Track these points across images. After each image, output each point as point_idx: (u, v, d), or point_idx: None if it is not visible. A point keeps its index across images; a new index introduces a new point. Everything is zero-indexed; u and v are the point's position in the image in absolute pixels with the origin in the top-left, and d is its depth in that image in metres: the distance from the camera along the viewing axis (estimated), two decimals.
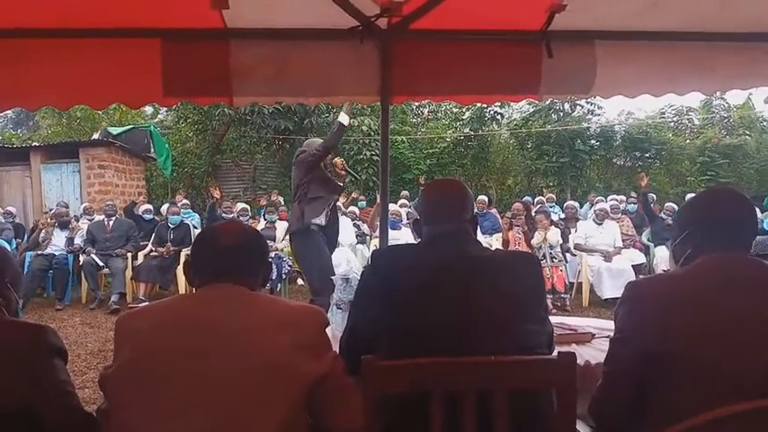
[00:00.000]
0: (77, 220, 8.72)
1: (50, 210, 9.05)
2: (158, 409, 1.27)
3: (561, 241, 7.23)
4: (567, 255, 7.48)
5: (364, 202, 10.79)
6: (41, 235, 7.96)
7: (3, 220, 8.46)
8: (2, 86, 2.76)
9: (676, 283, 1.51)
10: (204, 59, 2.85)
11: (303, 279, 8.84)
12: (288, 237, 5.57)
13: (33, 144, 13.09)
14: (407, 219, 9.00)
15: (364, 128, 14.01)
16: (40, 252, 7.65)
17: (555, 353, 1.50)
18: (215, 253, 1.48)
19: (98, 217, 8.45)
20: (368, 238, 9.20)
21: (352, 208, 9.83)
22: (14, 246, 8.21)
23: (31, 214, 11.23)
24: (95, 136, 12.76)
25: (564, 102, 14.88)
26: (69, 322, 6.58)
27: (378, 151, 13.28)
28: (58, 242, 7.86)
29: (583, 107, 15.60)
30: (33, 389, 1.43)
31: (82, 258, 7.65)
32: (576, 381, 1.34)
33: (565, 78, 3.03)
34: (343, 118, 4.97)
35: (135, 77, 2.83)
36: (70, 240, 7.90)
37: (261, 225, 8.76)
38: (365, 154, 14.16)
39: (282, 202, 10.75)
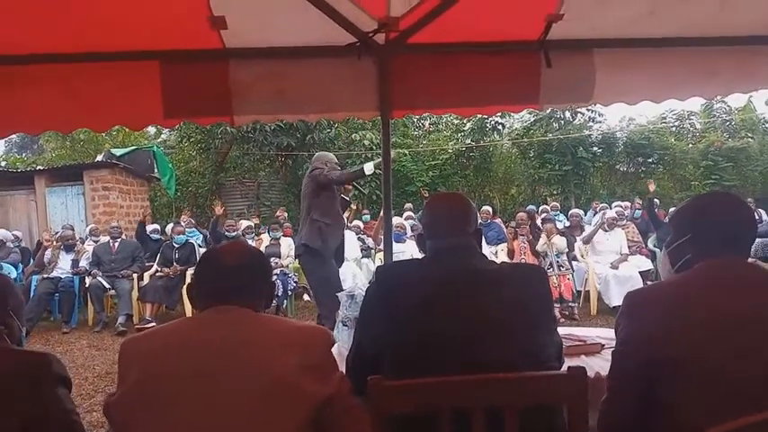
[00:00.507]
0: (83, 243, 8.74)
1: (56, 233, 9.07)
2: None
3: (567, 249, 7.19)
4: (574, 263, 7.45)
5: (368, 216, 10.77)
6: (47, 256, 7.97)
7: (11, 245, 8.48)
8: (4, 112, 2.78)
9: (675, 288, 1.50)
10: (204, 80, 2.86)
11: (309, 295, 8.83)
12: (298, 251, 5.53)
13: (38, 168, 13.15)
14: (412, 231, 8.98)
15: (366, 142, 14.05)
16: (45, 275, 7.66)
17: (565, 366, 1.48)
18: (218, 275, 1.47)
19: (104, 239, 8.46)
20: (373, 251, 9.18)
21: (356, 222, 9.81)
22: (20, 270, 8.22)
23: (37, 238, 11.26)
24: (99, 158, 12.82)
25: (565, 110, 14.89)
26: (76, 345, 6.56)
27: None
28: (63, 265, 7.87)
29: (584, 115, 15.60)
30: (38, 419, 1.41)
31: (88, 281, 7.65)
32: (587, 395, 1.32)
33: (564, 87, 3.03)
34: (368, 168, 5.10)
35: (135, 100, 2.85)
36: (76, 262, 7.91)
37: (266, 242, 8.75)
38: None
39: (287, 218, 10.71)
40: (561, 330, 1.80)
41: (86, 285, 7.65)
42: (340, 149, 14.88)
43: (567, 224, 9.11)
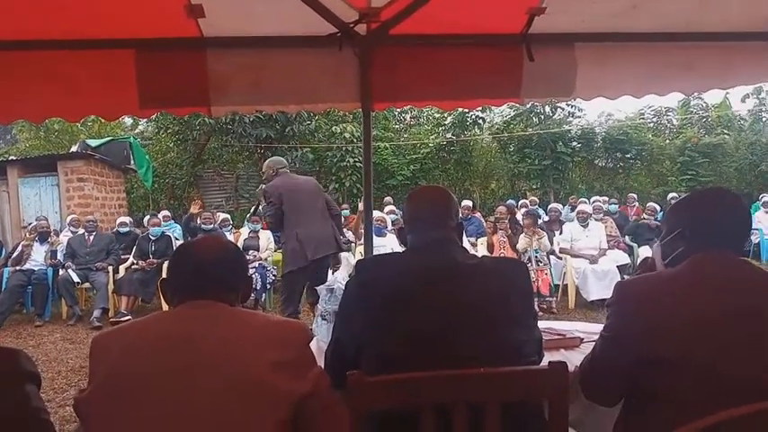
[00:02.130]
0: (57, 235, 8.56)
1: (29, 224, 8.87)
2: (137, 431, 1.22)
3: (550, 246, 7.23)
4: (552, 257, 7.49)
5: (347, 210, 10.72)
6: (19, 249, 7.81)
7: None
8: None
9: (664, 282, 1.50)
10: (181, 69, 2.81)
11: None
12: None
13: (10, 158, 12.85)
14: (393, 225, 8.97)
15: (347, 135, 13.98)
16: (18, 268, 7.49)
17: (545, 360, 1.47)
18: (193, 269, 1.44)
19: (81, 230, 8.29)
20: (353, 245, 9.15)
21: None
22: None
23: (9, 229, 11.02)
24: (74, 149, 12.55)
25: (545, 104, 14.99)
26: (49, 339, 6.44)
27: (361, 158, 13.31)
28: (36, 257, 7.70)
29: (563, 110, 15.72)
30: (5, 417, 1.36)
31: (60, 273, 7.50)
32: (568, 390, 1.31)
33: (546, 81, 3.03)
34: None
35: (110, 89, 2.79)
36: (52, 253, 7.74)
37: (245, 235, 8.67)
38: (348, 161, 14.13)
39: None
40: (540, 324, 1.79)
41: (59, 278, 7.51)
42: (320, 142, 14.81)
43: (546, 219, 9.17)
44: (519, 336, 1.52)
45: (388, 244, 8.06)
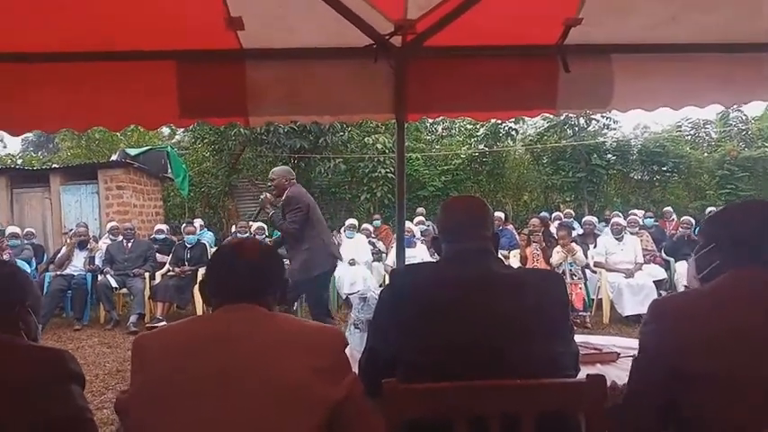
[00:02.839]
0: (96, 241, 8.79)
1: (70, 230, 9.13)
2: None
3: (585, 260, 7.12)
4: (586, 271, 7.38)
5: (379, 221, 10.74)
6: (62, 252, 8.04)
7: (24, 242, 8.55)
8: (21, 110, 2.80)
9: (699, 299, 1.47)
10: (220, 80, 2.87)
11: None
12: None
13: (53, 166, 13.28)
14: (422, 236, 8.96)
15: (379, 145, 14.03)
16: (59, 273, 7.72)
17: (581, 374, 1.45)
18: (231, 273, 1.46)
19: (120, 237, 8.50)
20: (384, 255, 9.17)
21: (365, 225, 9.81)
22: (34, 266, 8.29)
23: (51, 235, 11.35)
24: (113, 157, 12.90)
25: (579, 116, 14.81)
26: (88, 342, 6.60)
27: (393, 168, 13.33)
28: (76, 262, 7.93)
29: (598, 121, 15.50)
30: (52, 415, 1.41)
31: (99, 279, 7.71)
32: (605, 404, 1.29)
33: (582, 93, 3.00)
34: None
35: (151, 99, 2.86)
36: (91, 259, 7.97)
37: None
38: (380, 171, 14.17)
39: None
40: (577, 338, 1.76)
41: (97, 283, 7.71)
42: (352, 152, 14.90)
43: (581, 232, 9.03)
44: (555, 348, 1.50)
45: (417, 254, 8.06)
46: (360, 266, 8.38)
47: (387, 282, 8.16)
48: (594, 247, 7.90)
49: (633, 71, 2.94)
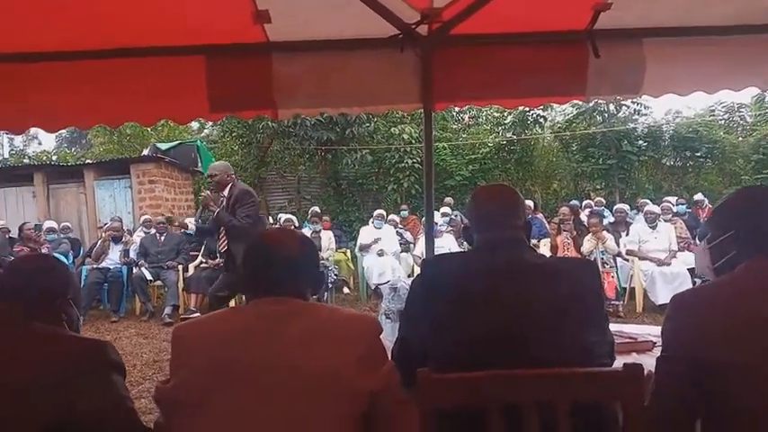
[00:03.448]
0: (131, 234, 8.99)
1: (105, 224, 9.35)
2: (215, 424, 1.27)
3: (616, 248, 7.01)
4: (618, 260, 7.27)
5: (406, 212, 10.73)
6: (98, 246, 8.25)
7: (61, 236, 8.78)
8: (56, 107, 2.87)
9: (719, 290, 1.44)
10: (248, 74, 2.89)
11: (349, 288, 8.91)
12: None
13: (87, 162, 13.57)
14: (450, 226, 8.94)
15: (405, 136, 13.99)
16: (95, 266, 7.92)
17: (616, 363, 1.44)
18: (267, 264, 1.47)
19: (152, 231, 8.69)
20: (411, 245, 9.18)
21: (392, 216, 9.83)
22: (71, 260, 8.51)
23: (87, 229, 11.62)
24: (145, 152, 13.15)
25: (609, 102, 14.53)
26: (125, 334, 6.76)
27: (419, 159, 13.29)
28: (112, 256, 8.13)
29: (629, 107, 15.18)
30: (93, 404, 1.45)
31: (134, 271, 7.89)
32: (643, 394, 1.27)
33: (612, 78, 2.95)
34: None
35: (182, 94, 2.90)
36: (126, 252, 8.16)
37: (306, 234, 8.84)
38: (406, 162, 14.14)
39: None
40: (611, 327, 1.75)
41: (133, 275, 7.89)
42: (378, 143, 14.89)
43: (612, 220, 8.90)
44: (590, 337, 1.49)
45: (445, 244, 8.04)
46: (388, 257, 8.40)
47: (416, 272, 8.18)
48: (627, 234, 7.78)
49: (665, 55, 2.88)
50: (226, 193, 5.04)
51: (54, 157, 18.23)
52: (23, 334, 1.51)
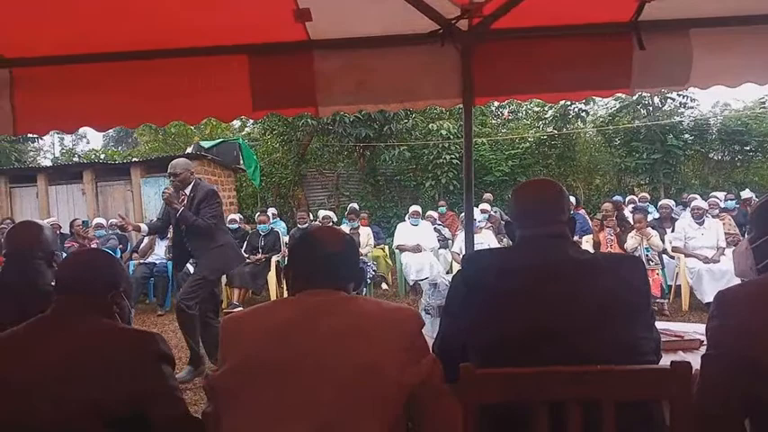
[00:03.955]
0: None
1: (150, 221, 9.61)
2: (259, 414, 1.31)
3: (662, 245, 6.84)
4: (664, 257, 7.09)
5: (444, 208, 10.69)
6: (144, 243, 8.49)
7: (109, 232, 9.07)
8: (106, 107, 2.97)
9: (764, 287, 1.40)
10: (289, 72, 2.93)
11: (387, 284, 8.95)
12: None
13: (133, 160, 13.95)
14: (489, 222, 8.86)
15: (443, 131, 13.93)
16: (142, 261, 8.16)
17: (663, 361, 1.41)
18: (314, 258, 1.52)
19: None
20: (449, 242, 9.14)
21: (430, 212, 9.80)
22: (119, 255, 8.79)
23: None
24: (189, 150, 13.44)
25: (653, 95, 14.16)
26: (170, 327, 6.94)
27: (457, 154, 13.20)
28: (158, 251, 8.36)
29: (674, 100, 14.75)
30: (144, 393, 1.51)
31: None
32: (691, 392, 1.25)
33: (658, 71, 2.89)
34: None
35: (225, 93, 2.96)
36: (170, 248, 8.37)
37: (345, 231, 8.92)
38: (444, 158, 14.08)
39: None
40: (657, 325, 1.71)
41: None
42: (416, 139, 14.88)
43: (657, 216, 8.68)
44: (636, 333, 1.46)
45: (484, 240, 7.98)
46: (426, 253, 8.39)
47: (454, 268, 8.15)
48: (672, 231, 7.57)
49: (714, 46, 2.79)
50: (188, 191, 4.81)
51: (102, 156, 18.81)
52: (79, 326, 1.57)
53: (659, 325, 1.85)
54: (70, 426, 1.43)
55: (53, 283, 2.03)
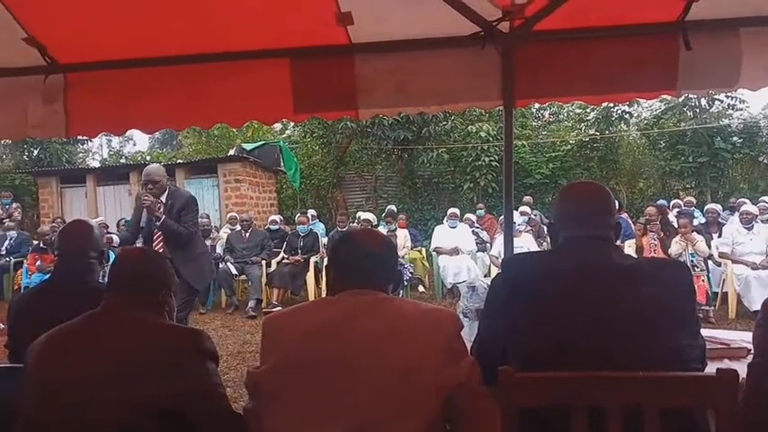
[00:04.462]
0: (217, 231, 9.40)
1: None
2: (301, 414, 1.33)
3: (708, 251, 6.64)
4: (710, 263, 6.89)
5: (482, 210, 10.61)
6: None
7: None
8: (154, 110, 3.05)
9: None
10: (331, 75, 2.96)
11: (424, 286, 8.93)
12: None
13: (178, 161, 14.31)
14: (529, 225, 8.76)
15: (482, 134, 13.82)
16: None
17: (708, 369, 1.38)
18: (356, 259, 1.54)
19: (237, 227, 9.06)
20: (488, 245, 9.07)
21: (468, 215, 9.74)
22: None
23: None
24: (231, 152, 13.73)
25: (700, 97, 13.74)
26: (211, 325, 7.10)
27: (496, 157, 13.08)
28: None
29: (722, 102, 14.30)
30: (189, 389, 1.55)
31: (220, 266, 8.26)
32: (737, 401, 1.22)
33: (705, 72, 2.81)
34: None
35: (268, 96, 3.01)
36: (212, 248, 8.56)
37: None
38: (483, 160, 13.96)
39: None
40: (703, 333, 1.67)
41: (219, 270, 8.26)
42: (455, 142, 14.81)
43: (703, 221, 8.44)
44: (680, 340, 1.43)
45: (524, 244, 7.89)
46: (464, 256, 8.34)
47: (492, 272, 8.08)
48: (719, 236, 7.34)
49: (765, 46, 2.71)
50: (163, 198, 4.56)
51: (148, 158, 19.33)
52: (128, 322, 1.63)
53: (705, 333, 1.81)
54: (121, 421, 1.47)
55: (103, 280, 2.12)
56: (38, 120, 3.06)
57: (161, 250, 4.42)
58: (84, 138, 15.49)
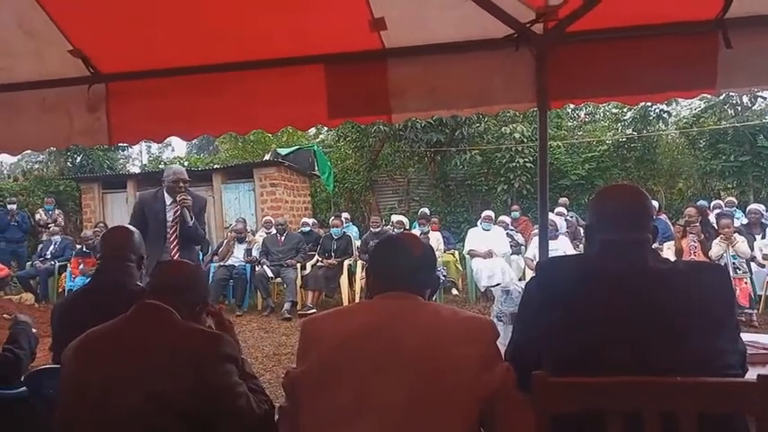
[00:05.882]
0: (253, 234, 9.55)
1: (230, 225, 10.01)
2: (337, 416, 1.35)
3: (750, 252, 6.46)
4: (753, 265, 6.69)
5: (517, 213, 10.50)
6: (224, 245, 8.87)
7: None
8: (193, 116, 3.14)
9: None
10: (364, 80, 2.99)
11: (457, 289, 8.89)
12: None
13: (215, 167, 14.58)
14: (567, 228, 8.64)
15: (516, 135, 13.68)
16: (222, 263, 8.52)
17: (749, 374, 1.36)
18: (395, 263, 1.56)
19: (273, 230, 9.18)
20: (523, 248, 8.98)
21: (503, 217, 9.66)
22: (201, 258, 9.20)
23: (214, 229, 12.49)
24: (266, 157, 13.93)
25: (742, 95, 13.34)
26: (247, 327, 7.21)
27: (531, 158, 12.93)
28: (237, 254, 8.71)
29: (765, 99, 13.88)
30: (209, 387, 1.59)
31: (256, 269, 8.39)
32: None
33: (746, 70, 2.74)
34: None
35: (303, 102, 3.06)
36: (249, 251, 8.71)
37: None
38: (518, 161, 13.82)
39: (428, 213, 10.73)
40: (744, 337, 1.63)
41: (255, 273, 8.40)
42: (488, 143, 14.70)
43: (745, 222, 8.20)
44: (719, 345, 1.41)
45: (560, 247, 7.78)
46: (497, 259, 8.27)
47: (527, 275, 7.99)
48: (762, 237, 7.13)
49: None
50: (191, 200, 4.57)
51: (185, 163, 19.71)
52: (159, 324, 1.69)
53: (746, 337, 1.77)
54: (149, 420, 1.52)
55: (141, 284, 2.19)
56: (82, 128, 3.18)
57: (176, 251, 4.36)
58: (125, 144, 15.89)
